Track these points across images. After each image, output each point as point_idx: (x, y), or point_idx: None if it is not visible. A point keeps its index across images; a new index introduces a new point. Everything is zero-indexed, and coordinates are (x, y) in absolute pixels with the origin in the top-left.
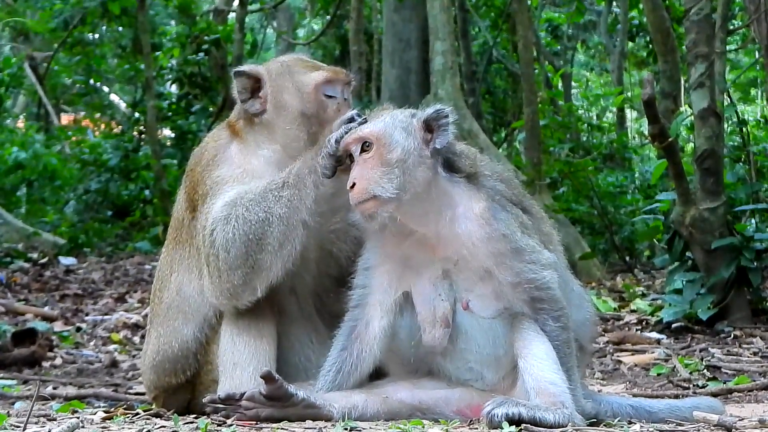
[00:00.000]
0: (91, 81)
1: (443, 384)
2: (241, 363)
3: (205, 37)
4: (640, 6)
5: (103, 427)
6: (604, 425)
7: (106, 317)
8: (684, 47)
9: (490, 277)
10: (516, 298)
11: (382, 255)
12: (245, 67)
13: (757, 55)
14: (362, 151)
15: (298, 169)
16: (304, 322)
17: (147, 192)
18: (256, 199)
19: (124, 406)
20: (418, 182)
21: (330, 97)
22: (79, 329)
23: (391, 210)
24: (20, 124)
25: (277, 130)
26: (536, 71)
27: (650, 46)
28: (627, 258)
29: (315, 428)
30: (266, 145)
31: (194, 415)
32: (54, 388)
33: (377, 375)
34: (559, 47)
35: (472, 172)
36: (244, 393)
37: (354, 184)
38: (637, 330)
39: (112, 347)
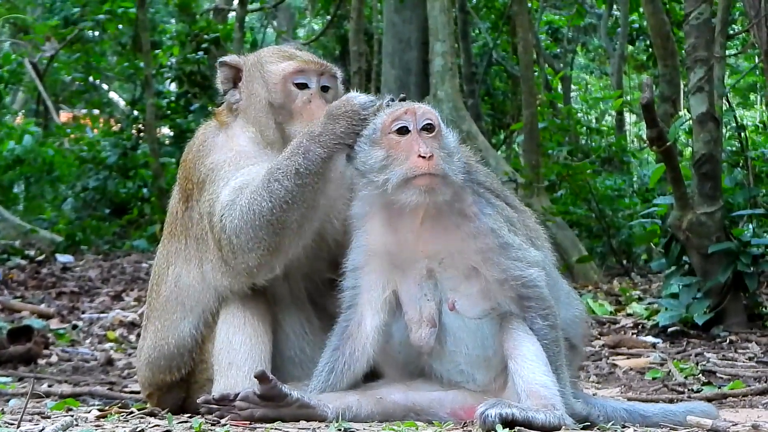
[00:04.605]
0: (91, 78)
1: (437, 386)
2: (236, 362)
3: (205, 36)
4: (641, 10)
5: (97, 426)
6: (598, 429)
7: (102, 315)
8: (683, 51)
9: (477, 276)
10: (503, 295)
11: (367, 254)
12: (227, 58)
13: (756, 60)
14: (424, 129)
15: (307, 152)
16: (298, 312)
17: (145, 190)
18: (262, 184)
19: (119, 405)
20: None
21: (303, 87)
22: (75, 327)
23: (449, 195)
24: (19, 120)
25: (250, 118)
26: (536, 74)
27: (650, 49)
28: (624, 261)
29: (309, 428)
30: (245, 131)
31: (188, 414)
32: (49, 386)
33: (373, 376)
34: (559, 50)
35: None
36: (238, 393)
37: (432, 156)
38: (633, 334)
39: (107, 345)
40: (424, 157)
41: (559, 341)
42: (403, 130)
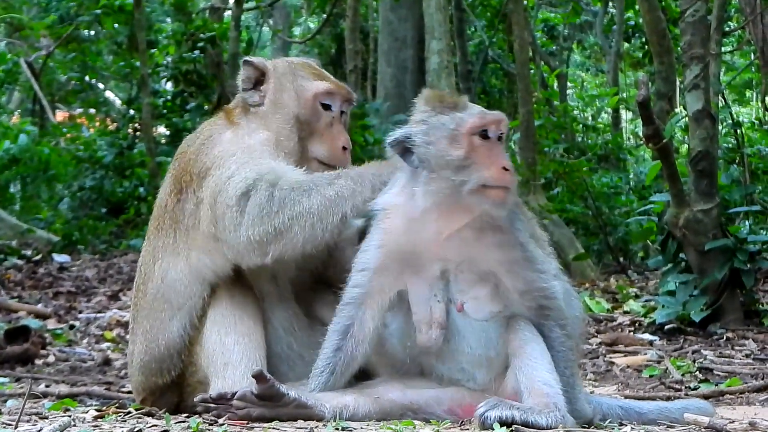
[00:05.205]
0: (87, 78)
1: (434, 384)
2: (232, 362)
3: (201, 35)
4: (636, 7)
5: (94, 426)
6: (595, 427)
7: (99, 315)
8: (679, 48)
9: (488, 280)
10: (523, 305)
11: (383, 255)
12: (254, 59)
13: (752, 57)
14: (498, 138)
15: (362, 168)
16: (285, 308)
17: (142, 189)
18: (304, 177)
19: (116, 405)
20: None
21: (327, 109)
22: (72, 327)
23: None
24: (15, 120)
25: (270, 124)
26: (532, 71)
27: (646, 47)
28: (621, 259)
29: (306, 428)
30: (258, 132)
31: (186, 414)
32: (46, 386)
33: (366, 373)
34: (554, 47)
35: None
36: (236, 393)
37: (511, 171)
38: (629, 331)
39: (105, 345)
40: (506, 170)
41: (574, 350)
42: (485, 135)
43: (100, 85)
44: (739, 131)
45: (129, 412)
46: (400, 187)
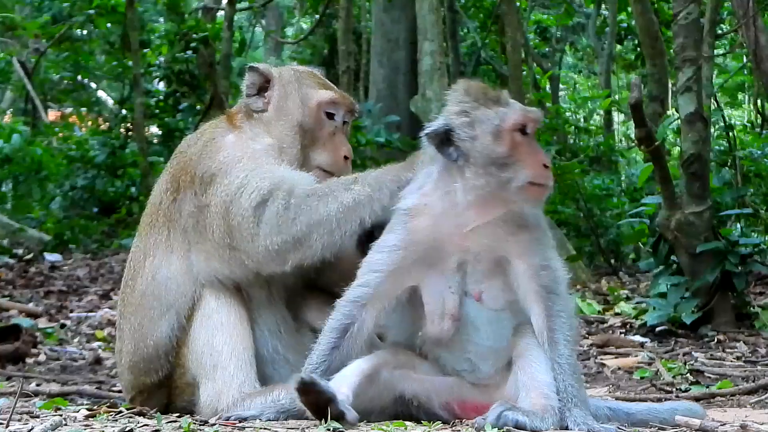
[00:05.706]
0: (79, 77)
1: (437, 370)
2: (221, 363)
3: (194, 35)
4: (629, 9)
5: (85, 425)
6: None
7: (90, 314)
8: (672, 51)
9: (503, 268)
10: (535, 283)
11: (403, 256)
12: (259, 65)
13: (744, 60)
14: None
15: (379, 172)
16: (274, 312)
17: (133, 189)
18: (319, 183)
19: (108, 404)
20: None
21: (330, 118)
22: (63, 326)
23: None
24: (7, 119)
25: (273, 131)
26: (524, 73)
27: (638, 49)
28: (612, 261)
29: (298, 428)
30: (262, 138)
31: (177, 414)
32: (37, 385)
33: None
34: (547, 49)
35: None
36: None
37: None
38: (621, 333)
39: (96, 344)
40: (546, 167)
41: (576, 339)
42: (523, 131)
43: (93, 85)
44: (731, 134)
45: (120, 412)
46: (434, 183)
